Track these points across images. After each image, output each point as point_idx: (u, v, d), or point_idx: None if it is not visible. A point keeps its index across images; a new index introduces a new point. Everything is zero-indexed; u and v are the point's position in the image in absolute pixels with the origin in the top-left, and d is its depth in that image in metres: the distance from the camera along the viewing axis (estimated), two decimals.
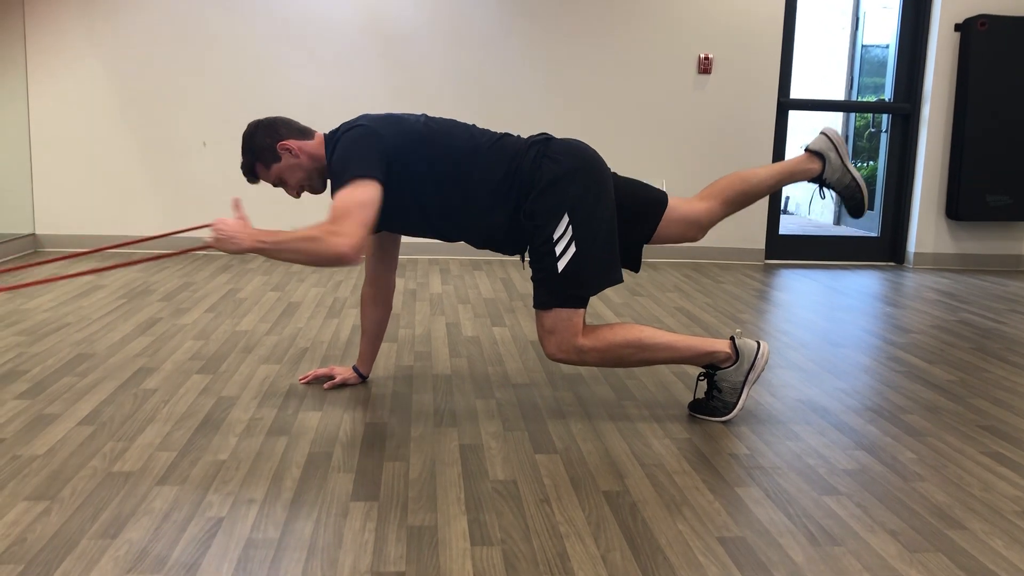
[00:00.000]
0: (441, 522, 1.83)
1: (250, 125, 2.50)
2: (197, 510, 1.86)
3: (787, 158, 4.36)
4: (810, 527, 1.86)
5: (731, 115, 5.51)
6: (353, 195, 2.24)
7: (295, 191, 2.53)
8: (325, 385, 2.72)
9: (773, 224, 5.73)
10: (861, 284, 4.99)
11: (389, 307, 2.76)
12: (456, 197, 2.42)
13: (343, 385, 2.73)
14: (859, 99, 7.33)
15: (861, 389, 2.88)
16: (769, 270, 5.37)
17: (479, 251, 3.31)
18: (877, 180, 5.91)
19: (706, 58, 5.43)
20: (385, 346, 3.20)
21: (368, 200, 2.25)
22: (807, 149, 2.66)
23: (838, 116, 7.38)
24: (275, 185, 2.53)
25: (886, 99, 5.80)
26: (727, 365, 2.45)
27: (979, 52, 5.40)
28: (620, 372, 2.94)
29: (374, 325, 2.74)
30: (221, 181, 5.19)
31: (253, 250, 2.21)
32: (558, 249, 2.34)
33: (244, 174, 2.52)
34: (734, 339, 2.47)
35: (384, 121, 2.42)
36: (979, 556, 1.75)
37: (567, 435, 2.37)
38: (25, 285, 2.55)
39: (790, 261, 5.74)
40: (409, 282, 4.52)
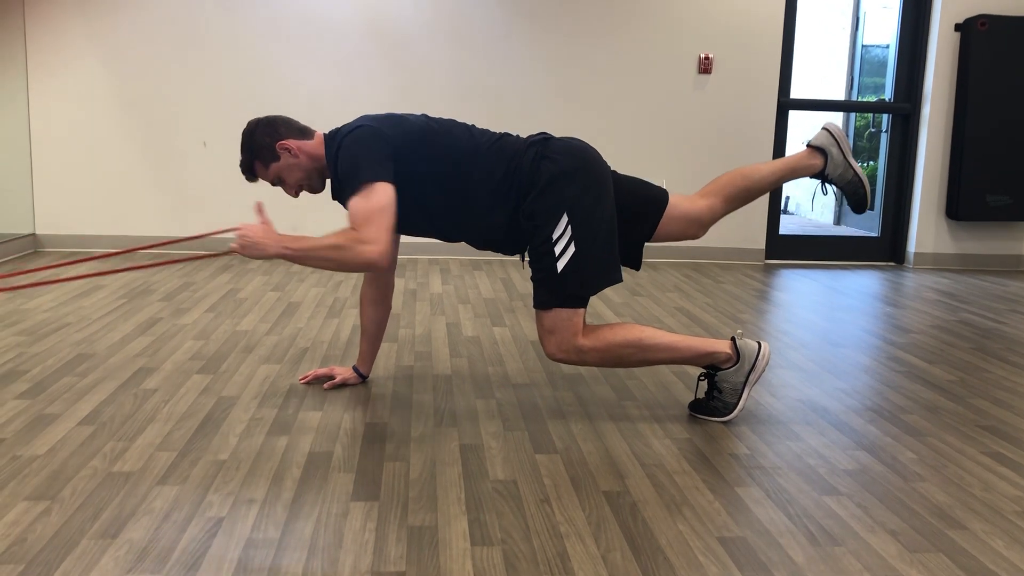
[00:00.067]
0: (441, 522, 1.83)
1: (250, 123, 2.49)
2: (197, 510, 1.86)
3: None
4: (810, 527, 1.86)
5: (731, 115, 5.51)
6: (371, 200, 2.24)
7: (293, 190, 2.52)
8: (325, 385, 2.72)
9: (773, 224, 5.72)
10: (861, 284, 4.99)
11: (388, 307, 2.76)
12: (457, 197, 2.42)
13: (343, 385, 2.73)
14: (859, 99, 7.33)
15: (861, 389, 2.87)
16: (769, 270, 5.37)
17: (479, 251, 3.31)
18: (877, 180, 5.91)
19: (706, 58, 5.43)
20: (385, 346, 3.20)
21: (387, 203, 2.26)
22: (809, 145, 2.65)
23: (838, 116, 7.35)
24: (273, 184, 2.53)
25: (886, 99, 5.80)
26: (728, 366, 2.45)
27: (979, 52, 5.40)
28: (620, 372, 2.94)
29: (373, 325, 2.74)
30: (221, 181, 5.19)
31: (279, 256, 2.22)
32: (557, 249, 2.34)
33: (243, 172, 2.52)
34: (735, 340, 2.46)
35: (387, 121, 2.41)
36: (979, 556, 1.75)
37: (567, 435, 2.37)
38: (59, 280, 2.54)
39: (790, 261, 5.74)
40: (409, 282, 4.52)
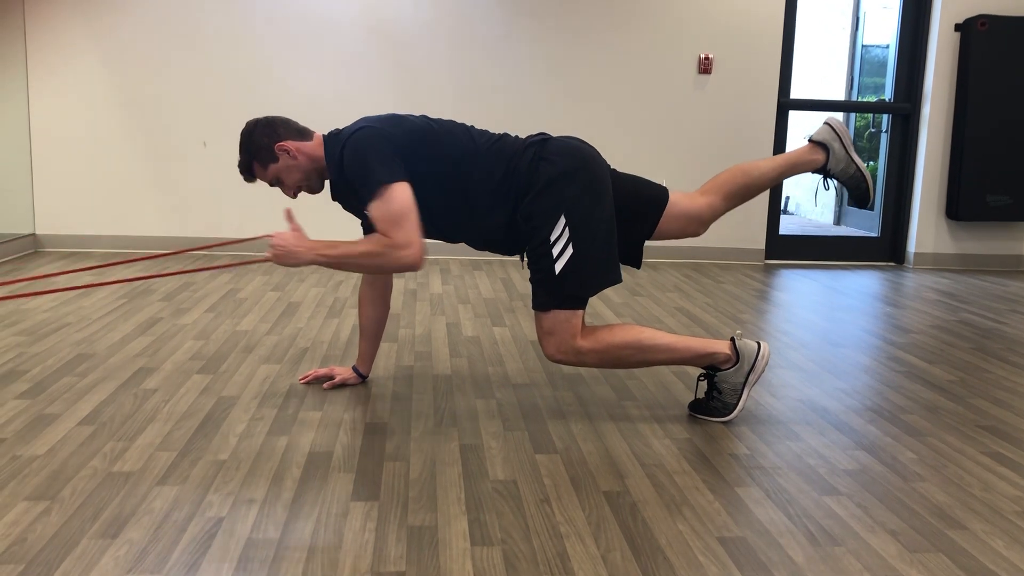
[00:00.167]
0: (441, 522, 1.83)
1: (249, 123, 2.49)
2: (197, 510, 1.86)
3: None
4: (810, 527, 1.86)
5: (731, 115, 5.51)
6: (393, 202, 2.26)
7: (292, 191, 2.52)
8: (325, 385, 2.72)
9: (773, 224, 5.72)
10: (861, 284, 4.99)
11: (387, 306, 2.76)
12: (457, 197, 2.42)
13: (343, 385, 2.73)
14: (859, 99, 7.33)
15: (861, 389, 2.87)
16: (769, 270, 5.37)
17: (479, 251, 3.31)
18: (877, 180, 5.91)
19: (706, 58, 5.43)
20: (385, 346, 3.20)
21: (409, 203, 2.27)
22: (811, 140, 2.64)
23: (838, 116, 7.34)
24: (272, 185, 2.53)
25: (886, 99, 5.80)
26: (727, 366, 2.45)
27: (979, 52, 5.40)
28: (620, 372, 2.94)
29: (373, 324, 2.74)
30: (221, 181, 5.19)
31: (314, 263, 2.24)
32: (555, 251, 2.34)
33: (241, 172, 2.52)
34: (734, 340, 2.46)
35: (388, 122, 2.41)
36: (979, 556, 1.75)
37: (567, 435, 2.37)
38: (107, 283, 2.54)
39: (790, 261, 5.74)
40: (409, 282, 4.52)
